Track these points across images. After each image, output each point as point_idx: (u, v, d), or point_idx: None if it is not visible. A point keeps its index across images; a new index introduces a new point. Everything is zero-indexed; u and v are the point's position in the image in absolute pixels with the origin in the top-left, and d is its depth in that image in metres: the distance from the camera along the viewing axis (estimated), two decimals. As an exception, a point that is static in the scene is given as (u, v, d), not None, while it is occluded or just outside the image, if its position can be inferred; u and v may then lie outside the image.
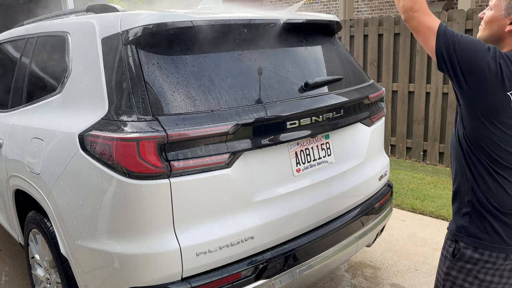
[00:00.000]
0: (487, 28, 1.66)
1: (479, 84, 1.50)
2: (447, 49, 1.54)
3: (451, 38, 1.54)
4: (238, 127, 1.89)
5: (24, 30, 2.96)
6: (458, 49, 1.52)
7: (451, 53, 1.53)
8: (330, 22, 2.61)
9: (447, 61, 1.55)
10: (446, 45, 1.54)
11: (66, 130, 2.06)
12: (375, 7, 11.33)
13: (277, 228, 2.08)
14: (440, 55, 1.56)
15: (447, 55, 1.54)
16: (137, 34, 1.90)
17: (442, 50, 1.55)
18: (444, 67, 1.57)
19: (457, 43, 1.53)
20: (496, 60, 1.49)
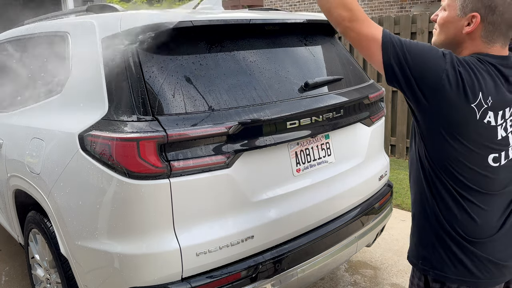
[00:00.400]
0: (442, 31, 1.45)
1: (438, 98, 1.32)
2: (397, 61, 1.34)
3: (399, 47, 1.34)
4: (238, 127, 1.89)
5: (24, 30, 2.96)
6: (410, 59, 1.33)
7: (402, 65, 1.33)
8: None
9: (398, 75, 1.35)
10: (395, 57, 1.34)
11: (66, 130, 2.06)
12: (375, 7, 11.33)
13: (277, 228, 2.08)
14: (390, 68, 1.35)
15: (398, 68, 1.34)
16: (137, 34, 1.90)
17: (391, 62, 1.35)
18: (395, 82, 1.37)
19: (407, 53, 1.33)
20: (455, 68, 1.31)
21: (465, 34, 1.39)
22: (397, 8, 10.88)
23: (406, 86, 1.36)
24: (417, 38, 5.57)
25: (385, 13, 11.03)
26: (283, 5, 13.10)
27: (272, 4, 13.31)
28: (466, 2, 1.36)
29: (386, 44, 1.35)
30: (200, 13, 2.09)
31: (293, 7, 12.93)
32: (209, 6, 2.68)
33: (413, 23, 5.60)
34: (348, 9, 1.37)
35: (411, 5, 10.50)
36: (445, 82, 1.30)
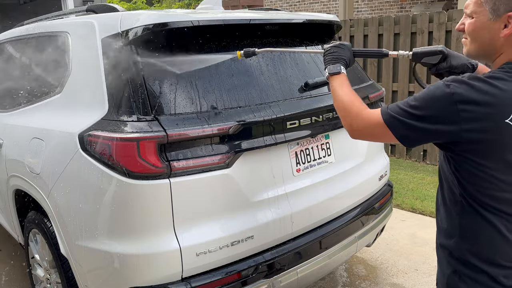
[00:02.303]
0: (474, 39, 1.34)
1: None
2: (408, 127, 1.29)
3: (403, 115, 1.30)
4: (238, 127, 1.89)
5: (24, 30, 2.96)
6: (420, 115, 1.26)
7: (417, 128, 1.28)
8: (330, 22, 2.61)
9: (417, 140, 1.32)
10: (403, 126, 1.30)
11: (66, 130, 2.06)
12: (375, 7, 11.33)
13: (277, 228, 2.08)
14: (406, 139, 1.33)
15: (413, 134, 1.30)
16: (137, 34, 1.90)
17: (403, 134, 1.32)
18: (419, 143, 1.35)
19: (414, 112, 1.27)
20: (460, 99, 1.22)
21: (503, 38, 1.27)
22: (397, 8, 10.87)
23: (435, 141, 1.32)
24: (417, 38, 5.57)
25: (385, 13, 11.03)
26: (283, 5, 13.09)
27: (272, 4, 13.30)
28: (497, 4, 1.26)
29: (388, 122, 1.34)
30: (200, 13, 2.09)
31: (293, 7, 12.93)
32: (209, 6, 2.68)
33: (413, 23, 5.60)
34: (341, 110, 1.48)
35: (411, 5, 10.50)
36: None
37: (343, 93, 1.53)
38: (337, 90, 1.56)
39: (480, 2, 1.29)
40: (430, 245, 3.54)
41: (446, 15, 5.30)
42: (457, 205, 1.36)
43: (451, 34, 5.28)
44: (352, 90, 1.55)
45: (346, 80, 1.59)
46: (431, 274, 3.14)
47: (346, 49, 1.69)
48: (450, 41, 5.30)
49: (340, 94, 1.54)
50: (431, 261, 3.31)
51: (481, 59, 1.39)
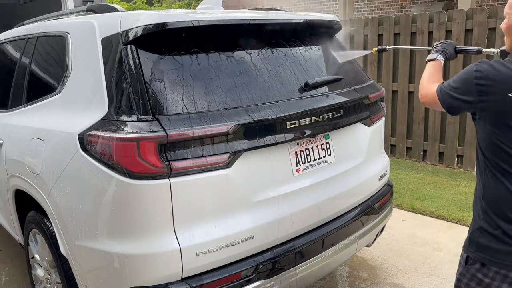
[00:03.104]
0: (508, 36, 1.66)
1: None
2: (447, 96, 1.67)
3: (445, 87, 1.69)
4: (238, 127, 1.89)
5: (24, 30, 2.97)
6: (456, 88, 1.64)
7: (452, 96, 1.66)
8: (330, 22, 2.61)
9: (453, 107, 1.68)
10: (444, 94, 1.68)
11: (66, 130, 2.06)
12: (375, 7, 11.33)
13: (277, 228, 2.08)
14: (447, 105, 1.70)
15: (451, 101, 1.67)
16: (137, 34, 1.90)
17: (445, 101, 1.69)
18: (456, 109, 1.71)
19: (452, 84, 1.65)
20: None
21: None
22: (397, 8, 10.88)
23: (471, 110, 1.65)
24: (417, 38, 5.56)
25: (385, 13, 11.03)
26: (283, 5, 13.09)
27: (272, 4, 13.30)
28: None
29: (439, 95, 1.71)
30: (200, 13, 2.09)
31: (293, 7, 12.93)
32: (209, 6, 2.68)
33: (413, 23, 5.59)
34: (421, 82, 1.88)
35: (411, 5, 10.50)
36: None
37: (427, 72, 1.91)
38: (426, 70, 1.93)
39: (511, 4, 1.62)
40: (430, 245, 3.54)
41: (446, 15, 5.30)
42: (480, 170, 1.67)
43: (451, 34, 5.28)
44: (437, 73, 1.90)
45: (437, 66, 1.94)
46: (431, 274, 3.14)
47: (449, 45, 2.05)
48: (450, 41, 5.29)
49: (426, 72, 1.92)
50: (431, 261, 3.31)
51: None
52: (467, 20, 5.14)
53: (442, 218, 4.07)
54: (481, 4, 9.33)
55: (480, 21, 5.02)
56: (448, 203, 4.34)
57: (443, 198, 4.47)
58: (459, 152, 5.37)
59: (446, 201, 4.38)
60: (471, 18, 5.11)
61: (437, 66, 1.94)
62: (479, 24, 5.03)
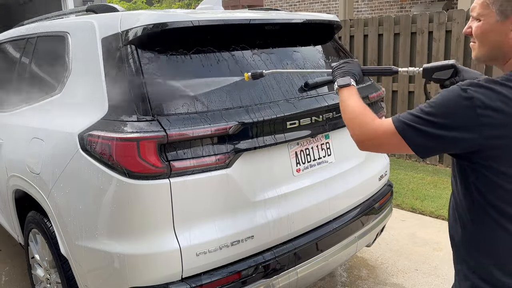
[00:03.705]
0: (482, 43, 1.28)
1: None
2: (424, 136, 1.23)
3: (417, 122, 1.23)
4: (238, 127, 1.89)
5: (24, 30, 2.96)
6: (437, 122, 1.20)
7: (433, 135, 1.21)
8: (330, 22, 2.61)
9: (433, 149, 1.26)
10: (418, 134, 1.23)
11: (66, 130, 2.06)
12: (375, 7, 11.32)
13: (277, 228, 2.08)
14: (421, 148, 1.26)
15: (429, 142, 1.23)
16: (137, 34, 1.90)
17: (418, 143, 1.25)
18: (435, 153, 1.29)
19: (430, 118, 1.21)
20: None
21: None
22: (397, 8, 10.87)
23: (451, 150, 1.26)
24: (417, 38, 5.56)
25: (385, 13, 11.03)
26: (283, 5, 13.09)
27: (272, 4, 13.31)
28: (504, 5, 1.20)
29: (401, 129, 1.26)
30: (200, 13, 2.09)
31: (293, 7, 12.93)
32: (209, 6, 2.68)
33: (413, 23, 5.60)
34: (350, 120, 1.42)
35: (411, 5, 10.50)
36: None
37: (352, 104, 1.48)
38: (346, 101, 1.51)
39: (487, 3, 1.24)
40: (430, 245, 3.55)
41: (446, 15, 5.30)
42: (474, 217, 1.29)
43: (451, 34, 5.28)
44: (362, 101, 1.49)
45: (355, 92, 1.55)
46: (431, 274, 3.14)
47: (354, 64, 1.69)
48: (450, 41, 5.30)
49: (349, 105, 1.49)
50: (431, 261, 3.31)
51: (490, 62, 1.35)
52: (467, 20, 5.13)
53: (442, 218, 4.07)
54: (481, 4, 9.31)
55: (480, 21, 5.01)
56: (448, 203, 4.32)
57: (443, 198, 4.47)
58: (459, 152, 5.36)
59: (446, 201, 4.38)
60: (471, 18, 5.11)
61: (357, 94, 1.53)
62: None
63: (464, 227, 1.34)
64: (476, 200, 1.27)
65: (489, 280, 1.28)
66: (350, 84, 1.58)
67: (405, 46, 5.70)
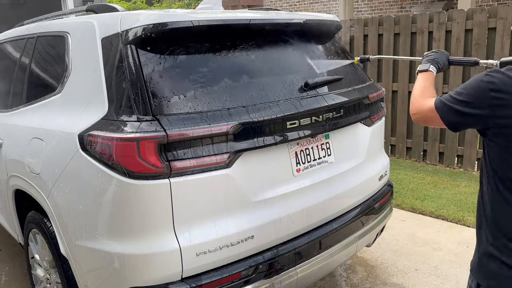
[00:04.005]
0: None
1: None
2: (451, 110, 1.47)
3: (448, 100, 1.48)
4: (238, 127, 1.89)
5: (24, 30, 2.96)
6: (462, 101, 1.43)
7: (457, 111, 1.45)
8: (330, 22, 2.61)
9: (458, 123, 1.49)
10: (447, 109, 1.48)
11: (66, 130, 2.06)
12: (375, 7, 11.32)
13: (277, 228, 2.08)
14: (449, 121, 1.50)
15: (455, 116, 1.47)
16: (137, 34, 1.90)
17: (447, 116, 1.49)
18: (460, 126, 1.52)
19: (457, 97, 1.45)
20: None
21: None
22: (397, 8, 10.87)
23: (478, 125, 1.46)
24: (417, 38, 5.56)
25: (385, 13, 11.03)
26: (283, 5, 13.09)
27: (272, 4, 13.30)
28: None
29: (439, 107, 1.50)
30: (200, 13, 2.09)
31: (293, 7, 12.93)
32: (209, 6, 2.68)
33: (413, 23, 5.59)
34: (413, 97, 1.66)
35: (411, 5, 10.50)
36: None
37: (420, 85, 1.71)
38: (416, 83, 1.74)
39: None
40: (430, 245, 3.55)
41: (446, 15, 5.30)
42: (491, 190, 1.47)
43: (451, 34, 5.28)
44: (431, 86, 1.70)
45: (430, 78, 1.74)
46: (431, 274, 3.14)
47: (442, 55, 1.86)
48: (450, 41, 5.30)
49: (417, 85, 1.72)
50: (431, 261, 3.31)
51: None
52: (467, 20, 5.13)
53: (442, 218, 4.07)
54: (481, 4, 9.33)
55: (480, 21, 5.02)
56: (448, 203, 4.34)
57: (443, 198, 4.47)
58: (459, 152, 5.37)
59: (446, 201, 4.38)
60: (471, 18, 5.11)
61: (430, 79, 1.75)
62: (479, 24, 5.03)
63: (485, 200, 1.52)
64: (493, 176, 1.45)
65: (501, 249, 1.45)
66: (428, 70, 1.78)
67: (405, 46, 5.69)
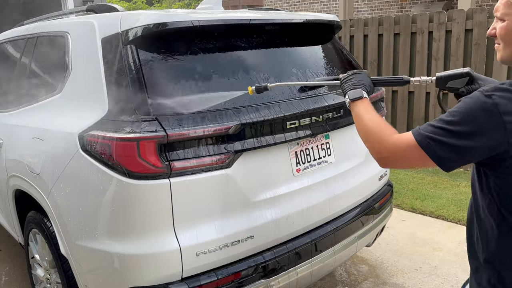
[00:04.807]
0: (507, 44, 1.22)
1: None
2: (447, 147, 1.16)
3: (439, 134, 1.16)
4: (238, 127, 1.89)
5: (24, 30, 2.96)
6: (461, 131, 1.13)
7: (458, 147, 1.14)
8: (330, 22, 2.61)
9: (458, 161, 1.17)
10: (442, 146, 1.16)
11: (66, 130, 2.06)
12: (375, 7, 11.32)
13: (277, 228, 2.08)
14: (446, 161, 1.18)
15: (454, 154, 1.16)
16: (137, 34, 1.90)
17: (442, 155, 1.17)
18: (460, 164, 1.19)
19: (453, 128, 1.14)
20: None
21: None
22: (397, 8, 10.87)
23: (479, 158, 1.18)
24: (417, 38, 5.56)
25: (385, 13, 11.03)
26: (283, 5, 13.09)
27: (272, 4, 13.31)
28: None
29: (424, 143, 1.19)
30: (200, 13, 2.09)
31: (293, 7, 12.93)
32: (209, 6, 2.68)
33: (413, 23, 5.59)
34: (368, 136, 1.35)
35: (411, 5, 10.50)
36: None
37: (369, 119, 1.40)
38: (361, 116, 1.43)
39: (510, 3, 1.18)
40: (430, 245, 3.55)
41: (446, 15, 5.30)
42: (498, 228, 1.22)
43: (451, 34, 5.28)
44: (377, 114, 1.43)
45: (369, 105, 1.46)
46: (431, 274, 3.14)
47: (364, 75, 1.60)
48: (450, 41, 5.30)
49: (365, 119, 1.41)
50: (431, 261, 3.31)
51: None
52: (467, 20, 5.13)
53: (442, 218, 4.07)
54: (481, 4, 9.33)
55: (480, 21, 5.02)
56: (448, 203, 4.34)
57: (443, 198, 4.47)
58: (459, 152, 5.36)
59: (446, 201, 4.38)
60: (471, 18, 5.11)
61: (370, 106, 1.46)
62: (479, 24, 5.03)
63: (485, 238, 1.28)
64: (504, 211, 1.20)
65: (498, 282, 1.24)
66: (363, 97, 1.49)
67: (405, 46, 5.70)
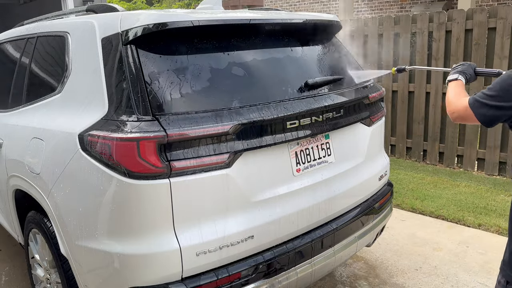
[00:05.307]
0: None
1: None
2: (484, 106, 1.60)
3: (480, 97, 1.61)
4: (238, 127, 1.89)
5: (24, 30, 2.96)
6: (493, 96, 1.57)
7: (490, 106, 1.58)
8: (330, 22, 2.61)
9: (492, 117, 1.61)
10: (480, 105, 1.61)
11: (66, 130, 2.06)
12: (375, 7, 11.33)
13: (277, 228, 2.08)
14: (483, 117, 1.62)
15: (488, 111, 1.60)
16: (137, 34, 1.90)
17: (481, 112, 1.62)
18: (494, 120, 1.62)
19: (489, 92, 1.58)
20: None
21: None
22: (397, 8, 10.88)
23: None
24: (417, 38, 5.57)
25: (385, 13, 11.03)
26: (283, 5, 13.09)
27: (272, 4, 13.31)
28: None
29: (472, 104, 1.64)
30: (200, 13, 2.09)
31: (293, 7, 12.94)
32: (209, 6, 2.68)
33: (413, 23, 5.60)
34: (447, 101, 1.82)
35: (411, 5, 10.50)
36: None
37: (451, 91, 1.86)
38: (448, 90, 1.90)
39: None
40: (430, 245, 3.55)
41: (446, 15, 5.30)
42: None
43: (451, 34, 5.28)
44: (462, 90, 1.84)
45: (458, 85, 1.89)
46: (431, 274, 3.14)
47: (469, 67, 2.01)
48: (450, 41, 5.30)
49: (449, 92, 1.87)
50: (431, 261, 3.31)
51: None
52: (467, 20, 5.14)
53: (442, 218, 4.07)
54: (481, 4, 9.33)
55: (480, 21, 5.02)
56: (448, 203, 4.34)
57: (443, 198, 4.47)
58: (459, 152, 5.37)
59: (446, 201, 4.38)
60: (471, 18, 5.11)
61: (460, 85, 1.91)
62: (479, 24, 5.03)
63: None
64: None
65: None
66: (457, 79, 1.94)
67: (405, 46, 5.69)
